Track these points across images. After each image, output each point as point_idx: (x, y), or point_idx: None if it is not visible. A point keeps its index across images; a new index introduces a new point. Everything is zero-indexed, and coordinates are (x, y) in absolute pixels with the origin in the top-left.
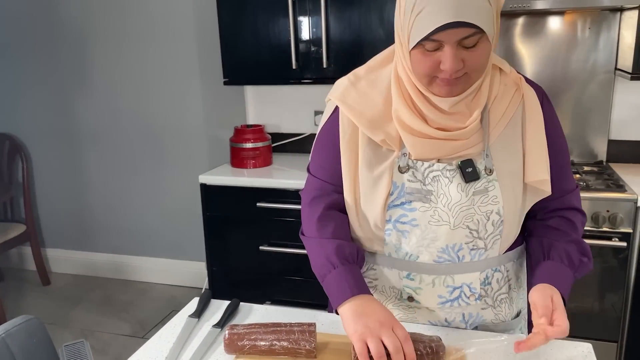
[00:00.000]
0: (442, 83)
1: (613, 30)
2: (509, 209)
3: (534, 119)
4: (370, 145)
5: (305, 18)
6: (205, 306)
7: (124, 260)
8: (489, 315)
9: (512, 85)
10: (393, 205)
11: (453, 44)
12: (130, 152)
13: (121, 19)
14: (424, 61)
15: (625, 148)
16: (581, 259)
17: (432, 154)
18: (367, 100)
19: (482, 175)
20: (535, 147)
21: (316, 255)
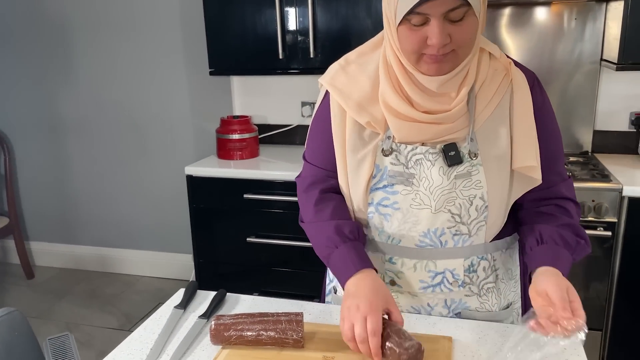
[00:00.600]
0: (429, 60)
1: (599, 21)
2: (494, 194)
3: (522, 104)
4: (356, 128)
5: (292, 8)
6: (192, 297)
7: (109, 253)
8: (473, 303)
9: (501, 70)
10: (375, 188)
11: (439, 16)
12: (115, 144)
13: (105, 9)
14: (411, 37)
15: (610, 139)
16: (577, 240)
17: (417, 137)
18: (355, 84)
19: (465, 159)
20: (523, 133)
21: (317, 238)
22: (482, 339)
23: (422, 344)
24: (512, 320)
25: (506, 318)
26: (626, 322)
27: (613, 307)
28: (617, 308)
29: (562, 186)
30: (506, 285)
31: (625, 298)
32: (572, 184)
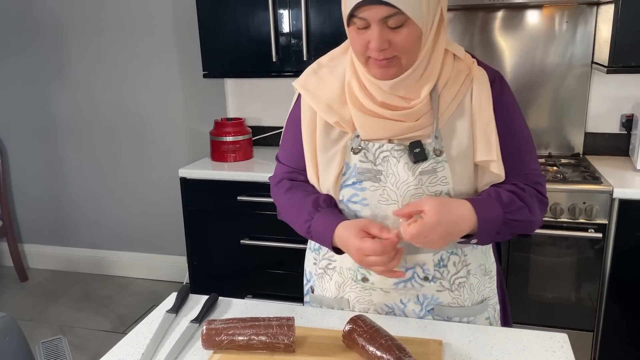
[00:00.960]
0: (374, 64)
1: (590, 24)
2: (460, 190)
3: (482, 100)
4: (326, 128)
5: (285, 10)
6: (184, 301)
7: (103, 255)
8: (445, 299)
9: (465, 70)
10: (345, 185)
11: (377, 22)
12: (109, 146)
13: (98, 10)
14: (357, 39)
15: (601, 141)
16: (514, 200)
17: (382, 133)
18: (325, 86)
19: (430, 156)
20: (482, 128)
21: (295, 219)
22: (472, 342)
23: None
24: (488, 315)
25: (480, 313)
26: (617, 322)
27: (604, 308)
28: (608, 309)
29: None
30: (479, 281)
31: (615, 299)
32: (541, 178)
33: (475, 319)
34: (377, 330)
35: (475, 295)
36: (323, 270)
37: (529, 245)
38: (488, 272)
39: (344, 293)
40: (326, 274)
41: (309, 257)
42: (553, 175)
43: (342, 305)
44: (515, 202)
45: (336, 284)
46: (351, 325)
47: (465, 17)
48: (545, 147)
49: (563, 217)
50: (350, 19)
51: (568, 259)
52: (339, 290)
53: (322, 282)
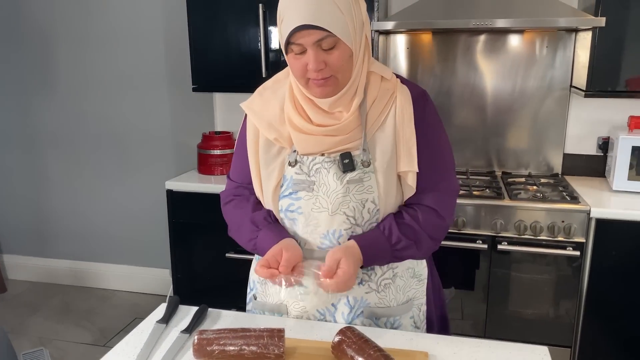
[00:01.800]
0: (314, 84)
1: (569, 50)
2: (384, 198)
3: (404, 116)
4: (267, 145)
5: (275, 28)
6: (173, 312)
7: (84, 267)
8: (373, 299)
9: (391, 89)
10: (283, 196)
11: (312, 45)
12: (94, 157)
13: (87, 20)
14: (296, 64)
15: (579, 162)
16: (401, 239)
17: (315, 148)
18: (267, 106)
19: (358, 167)
20: (405, 141)
21: (242, 239)
22: (457, 354)
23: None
24: (412, 315)
25: (405, 312)
26: (594, 339)
27: (581, 325)
28: (585, 325)
29: (432, 196)
30: (406, 283)
31: (592, 315)
32: (449, 197)
33: (401, 318)
34: (366, 342)
35: (400, 296)
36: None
37: (509, 262)
38: (417, 275)
39: (283, 299)
40: (267, 281)
41: (254, 266)
42: (533, 194)
43: (282, 311)
44: (402, 241)
45: (276, 290)
46: (340, 337)
47: (448, 40)
48: (525, 167)
49: (543, 235)
50: (288, 46)
51: (547, 276)
52: (278, 296)
53: (265, 288)
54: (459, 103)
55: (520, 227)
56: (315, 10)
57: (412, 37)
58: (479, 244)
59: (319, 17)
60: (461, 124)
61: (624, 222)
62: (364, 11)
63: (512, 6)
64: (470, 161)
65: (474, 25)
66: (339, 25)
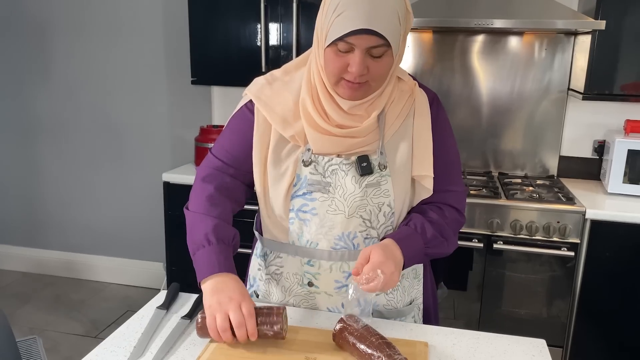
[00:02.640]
0: (346, 86)
1: (567, 53)
2: (400, 202)
3: (421, 119)
4: (279, 143)
5: (276, 24)
6: (174, 299)
7: (77, 259)
8: (381, 301)
9: (407, 91)
10: (296, 196)
11: (362, 49)
12: (89, 148)
13: (87, 12)
14: (335, 60)
15: (575, 164)
16: (436, 235)
17: (332, 149)
18: (279, 99)
19: (375, 170)
20: (421, 145)
21: (195, 229)
22: (456, 345)
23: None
24: (414, 315)
25: (409, 313)
26: (586, 339)
27: (574, 324)
28: (577, 325)
29: (448, 195)
30: (410, 284)
31: (585, 316)
32: (463, 197)
33: (406, 318)
34: (368, 329)
35: (405, 297)
36: (270, 276)
37: (504, 261)
38: (417, 275)
39: (290, 297)
40: (273, 279)
41: (254, 263)
42: (529, 194)
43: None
44: (437, 238)
45: (282, 289)
46: (342, 324)
47: (448, 39)
48: (521, 168)
49: (538, 235)
50: (335, 41)
51: (541, 276)
52: (284, 294)
53: (269, 287)
54: (457, 103)
55: (516, 226)
56: (381, 17)
57: (413, 35)
58: (475, 243)
59: (382, 25)
60: (459, 124)
61: (618, 224)
62: (410, 21)
63: (512, 7)
64: (467, 161)
65: (475, 25)
66: (395, 36)
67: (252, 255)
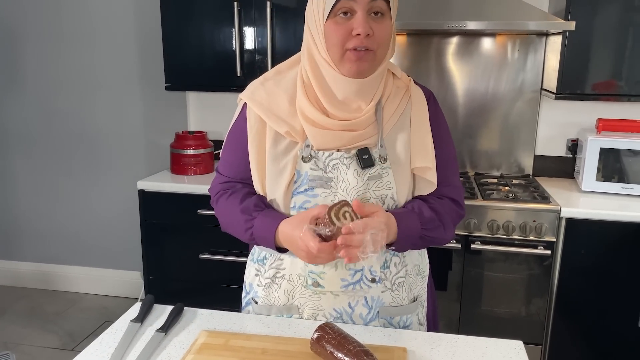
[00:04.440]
0: (353, 56)
1: (539, 53)
2: (402, 194)
3: (419, 114)
4: (276, 139)
5: (250, 28)
6: (148, 311)
7: (52, 270)
8: (387, 298)
9: (403, 87)
10: (297, 193)
11: (364, 6)
12: (63, 156)
13: (57, 17)
14: (338, 30)
15: (549, 163)
16: (434, 218)
17: (332, 143)
18: (274, 98)
19: (376, 162)
20: (420, 138)
21: (238, 232)
22: (435, 349)
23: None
24: (418, 312)
25: (414, 310)
26: (564, 336)
27: (552, 322)
28: (555, 322)
29: (448, 189)
30: (414, 280)
31: (563, 313)
32: (462, 191)
33: (411, 316)
34: (345, 337)
35: (410, 294)
36: (270, 280)
37: (482, 261)
38: (421, 272)
39: (294, 300)
40: (274, 282)
41: (251, 269)
42: (505, 194)
43: (292, 312)
44: (434, 220)
45: (285, 292)
46: (319, 333)
47: (421, 41)
48: (497, 168)
49: (515, 234)
50: (334, 7)
51: (519, 275)
52: (288, 297)
53: (270, 291)
54: None
55: (493, 226)
56: None
57: None
58: (453, 244)
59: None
60: None
61: (592, 221)
62: (396, 6)
63: (484, 9)
64: None
65: (448, 27)
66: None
67: (248, 261)
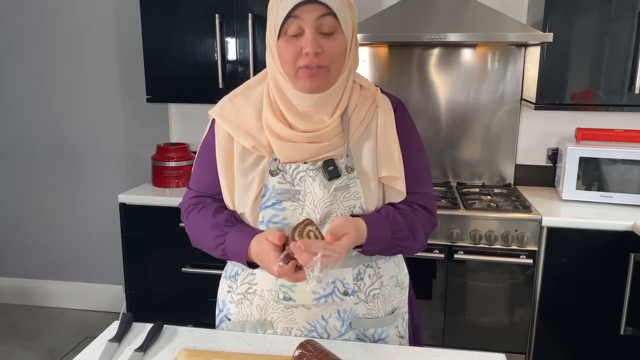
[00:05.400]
0: (305, 74)
1: (519, 64)
2: (370, 203)
3: (385, 123)
4: (243, 154)
5: (232, 39)
6: (127, 329)
7: (32, 285)
8: (361, 310)
9: (370, 97)
10: (265, 207)
11: (312, 24)
12: (42, 169)
13: (37, 28)
14: (288, 49)
15: (530, 172)
16: (404, 227)
17: (298, 156)
18: (241, 113)
19: (343, 173)
20: (386, 147)
21: (210, 248)
22: None
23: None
24: (397, 325)
25: (391, 323)
26: (548, 345)
27: (535, 331)
28: (538, 331)
29: (419, 197)
30: (391, 292)
31: (546, 322)
32: (434, 199)
33: (388, 328)
34: (327, 355)
35: (387, 306)
36: (242, 296)
37: (465, 271)
38: (400, 283)
39: (267, 315)
40: (246, 298)
41: (223, 286)
42: (487, 204)
43: (266, 327)
44: (403, 230)
45: (257, 307)
46: (301, 350)
47: (404, 53)
48: (479, 177)
49: (497, 243)
50: (283, 25)
51: (502, 284)
52: (261, 313)
53: (242, 307)
54: (415, 115)
55: (476, 236)
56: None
57: (369, 49)
58: (436, 254)
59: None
60: None
61: (573, 230)
62: (355, 17)
63: (464, 21)
64: None
65: (428, 39)
66: (341, 11)
67: (221, 278)
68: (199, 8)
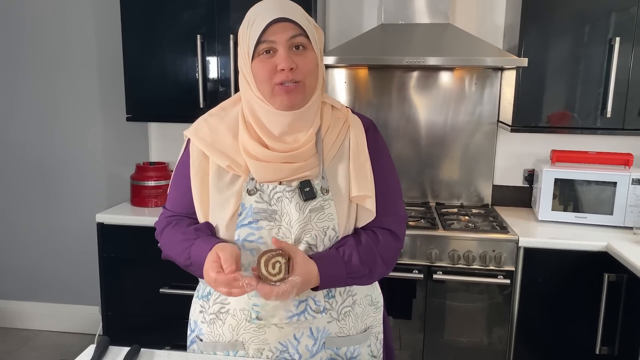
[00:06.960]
0: (281, 91)
1: (495, 87)
2: (343, 225)
3: (357, 143)
4: (219, 172)
5: (214, 57)
6: (103, 354)
7: (3, 306)
8: (333, 329)
9: (342, 118)
10: (241, 225)
11: (284, 43)
12: (18, 187)
13: (15, 45)
14: (263, 67)
15: (507, 193)
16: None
17: (274, 176)
18: (217, 133)
19: (318, 195)
20: (358, 167)
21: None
22: None
23: None
24: (370, 344)
25: (363, 341)
26: None
27: (513, 351)
28: (516, 351)
29: (387, 220)
30: (364, 310)
31: (523, 341)
32: (403, 221)
33: (360, 346)
34: None
35: (359, 324)
36: (215, 316)
37: (444, 291)
38: (374, 302)
39: (239, 336)
40: (218, 318)
41: (195, 306)
42: (465, 224)
43: (237, 348)
44: (360, 270)
45: (230, 327)
46: None
47: (384, 75)
48: (457, 197)
49: (475, 264)
50: (257, 47)
51: (480, 304)
52: (232, 333)
53: (214, 327)
54: (394, 136)
55: (454, 256)
56: (289, 9)
57: (349, 71)
58: (415, 274)
59: (293, 14)
60: (396, 156)
61: (549, 250)
62: (322, 38)
63: (443, 45)
64: (405, 192)
65: (407, 62)
66: (310, 29)
67: (194, 298)
68: (181, 28)
